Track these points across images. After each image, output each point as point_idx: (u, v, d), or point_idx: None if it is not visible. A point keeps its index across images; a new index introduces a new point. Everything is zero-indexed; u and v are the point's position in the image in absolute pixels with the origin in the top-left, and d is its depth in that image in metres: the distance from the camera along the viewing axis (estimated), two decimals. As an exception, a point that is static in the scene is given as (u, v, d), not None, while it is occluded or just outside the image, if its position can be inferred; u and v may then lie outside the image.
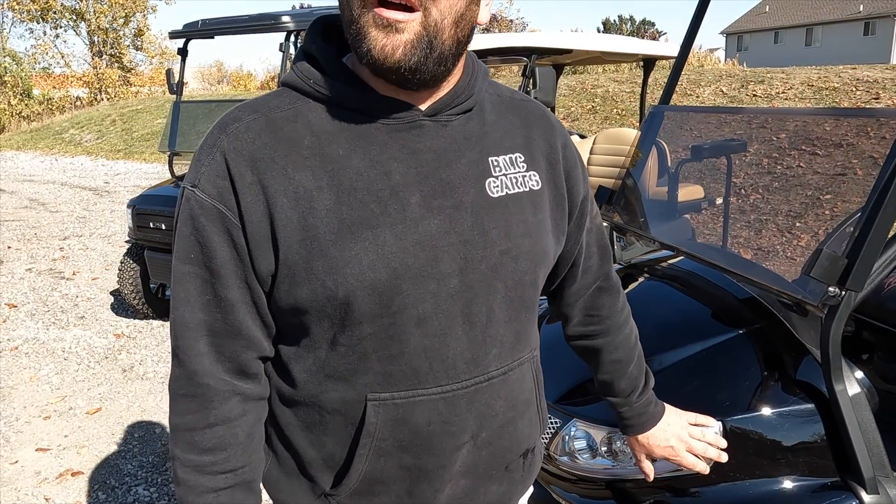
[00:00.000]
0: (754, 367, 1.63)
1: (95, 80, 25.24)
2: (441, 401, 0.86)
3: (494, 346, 0.89)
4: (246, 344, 0.84)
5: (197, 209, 0.79)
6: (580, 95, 11.98)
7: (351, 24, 0.76)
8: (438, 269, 0.82)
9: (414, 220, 0.81)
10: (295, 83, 0.84)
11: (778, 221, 6.17)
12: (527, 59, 3.22)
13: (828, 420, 1.48)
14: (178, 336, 0.83)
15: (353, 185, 0.80)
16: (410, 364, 0.84)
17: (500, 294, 0.88)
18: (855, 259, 1.33)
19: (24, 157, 16.68)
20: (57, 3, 25.21)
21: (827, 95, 9.59)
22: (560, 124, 1.01)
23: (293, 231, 0.78)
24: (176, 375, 0.85)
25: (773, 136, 3.24)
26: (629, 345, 1.15)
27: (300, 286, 0.80)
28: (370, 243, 0.79)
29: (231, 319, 0.82)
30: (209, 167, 0.79)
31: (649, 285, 2.15)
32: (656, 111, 2.37)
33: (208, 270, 0.80)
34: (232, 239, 0.79)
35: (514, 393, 0.94)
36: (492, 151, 0.89)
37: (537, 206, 0.91)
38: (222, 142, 0.80)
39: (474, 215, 0.85)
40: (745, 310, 1.82)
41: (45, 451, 3.07)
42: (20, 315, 4.99)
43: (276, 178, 0.78)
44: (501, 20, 31.55)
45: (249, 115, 0.82)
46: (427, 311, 0.83)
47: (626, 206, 2.36)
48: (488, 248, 0.85)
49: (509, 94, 0.98)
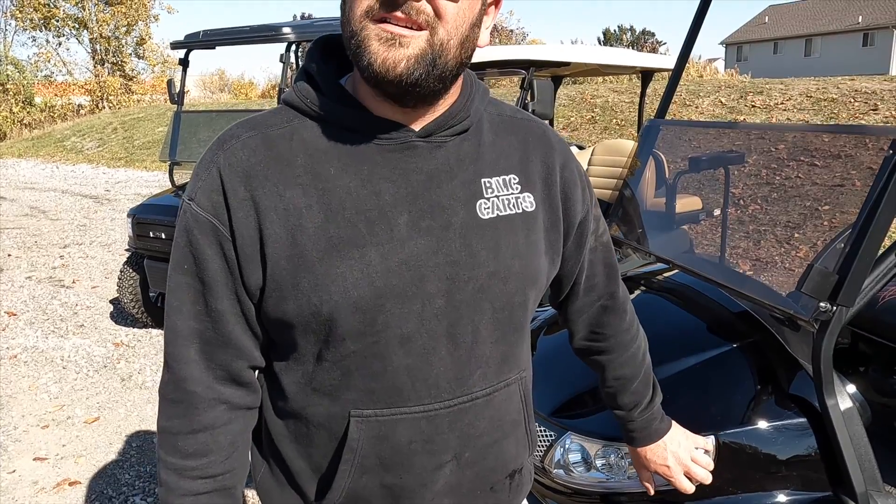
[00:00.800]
0: (748, 381, 1.64)
1: (97, 87, 25.33)
2: (423, 419, 0.86)
3: (479, 366, 0.89)
4: (235, 353, 0.86)
5: (192, 222, 0.82)
6: (580, 106, 12.03)
7: (352, 38, 0.77)
8: (424, 290, 0.83)
9: (401, 240, 0.82)
10: (293, 101, 0.86)
11: (776, 232, 6.19)
12: (525, 71, 3.24)
13: (820, 434, 1.49)
14: (170, 343, 0.86)
15: (342, 204, 0.81)
16: (393, 382, 0.85)
17: (488, 315, 0.88)
18: (846, 275, 1.35)
19: (25, 164, 16.73)
20: (60, 12, 25.35)
21: (825, 106, 9.63)
22: (561, 144, 1.00)
23: (281, 247, 0.80)
24: (165, 380, 0.87)
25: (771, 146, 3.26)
26: (635, 362, 1.15)
27: (287, 301, 0.81)
28: (356, 262, 0.80)
29: (221, 329, 0.84)
30: (205, 182, 0.82)
31: (645, 298, 2.17)
32: (652, 125, 2.39)
33: (200, 281, 0.83)
34: (223, 252, 0.81)
35: (500, 414, 0.94)
36: (485, 173, 0.89)
37: (530, 227, 0.91)
38: (219, 157, 0.82)
39: (463, 236, 0.85)
40: (740, 324, 1.84)
41: (43, 460, 3.08)
42: (20, 323, 5.00)
43: (267, 194, 0.80)
44: (501, 30, 31.68)
45: (247, 132, 0.84)
46: (411, 330, 0.84)
47: (624, 217, 2.38)
48: (476, 269, 0.86)
49: (510, 113, 0.97)
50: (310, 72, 0.87)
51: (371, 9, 0.75)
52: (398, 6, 0.73)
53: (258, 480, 0.97)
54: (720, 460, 1.49)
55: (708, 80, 13.03)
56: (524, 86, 3.22)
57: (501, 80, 8.04)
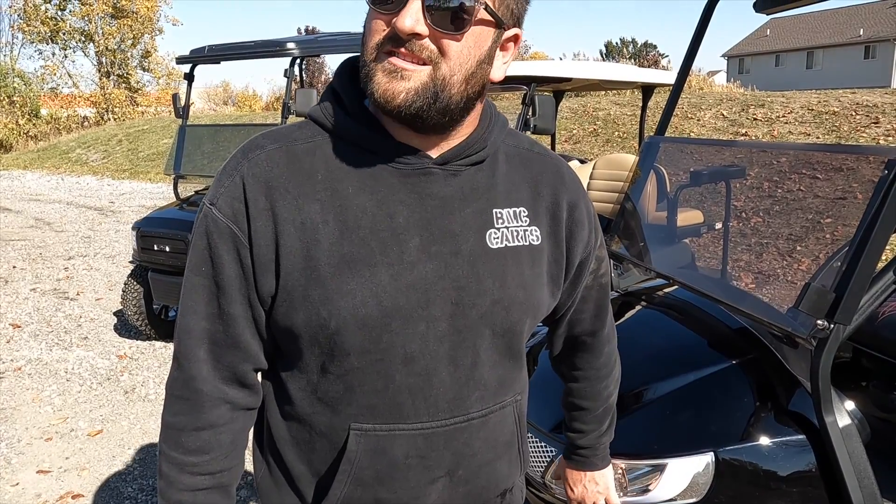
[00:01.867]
0: (747, 398, 1.65)
1: (103, 100, 25.50)
2: (420, 436, 0.90)
3: (477, 388, 0.92)
4: (243, 356, 0.89)
5: (212, 226, 0.85)
6: (582, 118, 12.08)
7: (363, 67, 0.82)
8: (429, 312, 0.86)
9: (411, 262, 0.85)
10: (318, 118, 0.90)
11: (778, 245, 6.18)
12: (526, 87, 3.27)
13: (819, 451, 1.49)
14: (181, 341, 0.89)
15: (358, 223, 0.84)
16: (394, 399, 0.88)
17: (488, 341, 0.91)
18: (843, 293, 1.36)
19: (30, 176, 16.83)
20: (66, 25, 25.58)
21: (827, 119, 9.65)
22: (575, 183, 1.01)
23: (296, 259, 0.83)
24: (174, 377, 0.90)
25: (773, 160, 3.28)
26: (598, 399, 1.19)
27: (296, 311, 0.84)
28: (366, 280, 0.83)
29: (232, 332, 0.87)
30: (228, 188, 0.85)
31: (645, 314, 2.18)
32: (652, 142, 2.41)
33: (216, 284, 0.86)
34: (240, 258, 0.84)
35: (495, 435, 0.97)
36: (497, 203, 0.92)
37: (536, 260, 0.94)
38: (243, 166, 0.85)
39: (471, 264, 0.88)
40: (739, 340, 1.85)
41: (46, 472, 3.09)
42: (24, 335, 5.02)
43: (287, 207, 0.83)
44: (505, 43, 31.81)
45: (272, 143, 0.87)
46: (414, 350, 0.87)
47: (625, 231, 2.40)
48: (481, 296, 0.89)
49: (528, 147, 1.00)
50: (337, 91, 0.90)
51: (381, 42, 0.80)
52: (402, 43, 0.78)
53: (258, 480, 1.00)
54: (719, 477, 1.49)
55: (709, 93, 13.08)
56: (526, 101, 3.25)
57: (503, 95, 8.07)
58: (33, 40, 25.72)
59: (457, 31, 0.79)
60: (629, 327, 2.13)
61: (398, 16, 0.77)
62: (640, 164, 2.43)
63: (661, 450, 1.54)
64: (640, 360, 1.89)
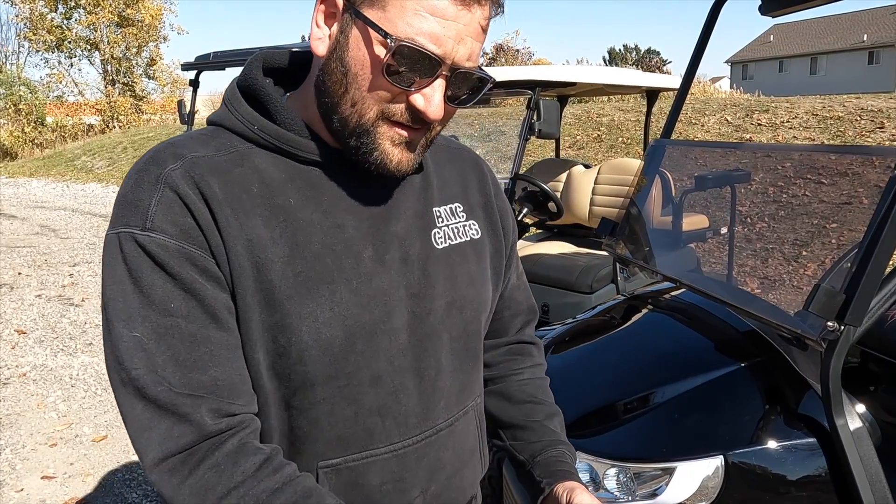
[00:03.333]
0: (756, 401, 1.64)
1: (108, 108, 25.62)
2: (393, 458, 0.83)
3: (442, 398, 0.88)
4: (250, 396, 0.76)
5: (161, 254, 0.70)
6: (586, 124, 12.08)
7: (361, 131, 0.75)
8: (390, 325, 0.81)
9: (367, 275, 0.79)
10: (234, 126, 0.79)
11: (784, 250, 6.16)
12: (531, 92, 3.27)
13: (830, 455, 1.48)
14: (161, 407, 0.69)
15: (308, 238, 0.76)
16: (364, 424, 0.81)
17: (447, 346, 0.87)
18: (853, 294, 1.35)
19: (36, 183, 16.90)
20: (72, 34, 25.74)
21: (831, 125, 9.63)
22: (491, 173, 1.01)
23: (247, 282, 0.73)
24: (174, 436, 0.69)
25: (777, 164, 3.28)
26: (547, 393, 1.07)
27: (250, 342, 0.74)
28: (326, 300, 0.76)
29: (237, 367, 0.74)
30: (160, 205, 0.70)
31: (652, 317, 2.17)
32: (657, 145, 2.40)
33: (199, 318, 0.71)
34: (214, 276, 0.72)
35: (461, 443, 0.92)
36: (435, 202, 0.89)
37: (479, 254, 0.92)
38: (167, 177, 0.72)
39: (421, 268, 0.84)
40: (747, 343, 1.83)
41: (50, 478, 3.08)
42: (29, 341, 5.02)
43: (228, 221, 0.73)
44: (508, 50, 31.93)
45: (189, 152, 0.75)
46: (381, 368, 0.81)
47: (631, 236, 2.39)
48: (435, 300, 0.85)
49: (444, 143, 0.97)
50: (253, 94, 0.81)
51: (392, 114, 0.74)
52: (425, 125, 0.76)
53: None
54: (729, 481, 1.48)
55: (713, 99, 13.07)
56: (530, 106, 3.25)
57: (507, 100, 8.07)
58: (39, 49, 25.87)
59: (466, 103, 0.78)
60: (636, 331, 2.12)
61: (424, 98, 0.73)
62: (646, 167, 2.43)
63: (670, 453, 1.53)
64: (647, 363, 1.88)
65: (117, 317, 0.70)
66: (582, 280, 3.39)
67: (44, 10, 25.04)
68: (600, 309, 2.35)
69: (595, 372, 1.93)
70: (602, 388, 1.84)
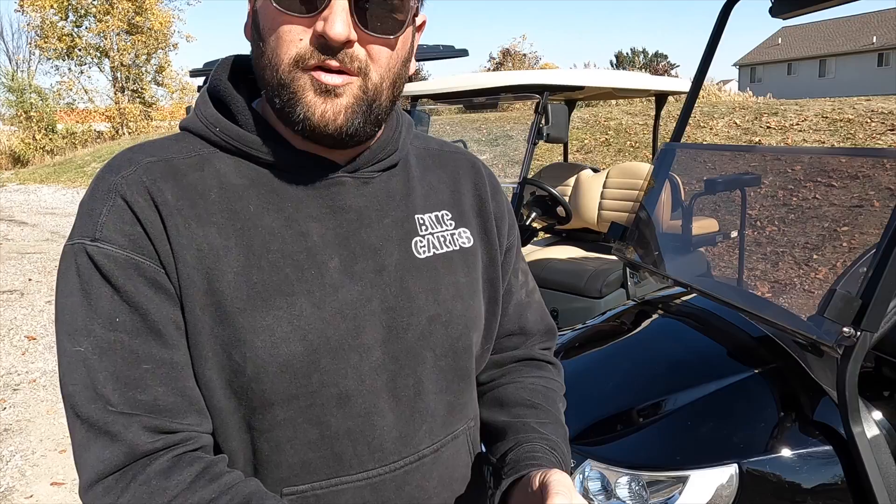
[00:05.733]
0: (771, 408, 1.61)
1: (118, 114, 25.84)
2: (367, 487, 0.76)
3: (425, 421, 0.80)
4: (199, 416, 0.70)
5: (108, 265, 0.67)
6: (593, 128, 12.06)
7: (280, 88, 0.69)
8: (360, 341, 0.74)
9: (333, 286, 0.74)
10: (198, 130, 0.76)
11: (795, 254, 6.11)
12: (539, 96, 3.26)
13: (847, 462, 1.46)
14: (100, 425, 0.65)
15: (266, 247, 0.72)
16: (332, 449, 0.74)
17: (430, 364, 0.80)
18: (869, 299, 1.33)
19: (46, 190, 17.03)
20: (82, 41, 25.98)
21: (841, 127, 9.57)
22: (491, 176, 0.94)
23: (196, 294, 0.69)
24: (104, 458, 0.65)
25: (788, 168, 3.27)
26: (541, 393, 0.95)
27: (202, 358, 0.70)
28: (284, 312, 0.71)
29: (181, 387, 0.69)
30: (110, 215, 0.68)
31: (663, 323, 2.15)
32: (668, 149, 2.39)
33: (143, 333, 0.67)
34: (163, 288, 0.68)
35: (449, 471, 0.84)
36: (417, 209, 0.82)
37: (470, 265, 0.85)
38: (119, 185, 0.69)
39: (399, 279, 0.78)
40: (761, 349, 1.81)
41: (60, 485, 3.08)
42: (39, 347, 5.04)
43: (179, 229, 0.69)
44: (515, 54, 31.98)
45: (146, 157, 0.72)
46: (349, 388, 0.74)
47: (640, 241, 2.37)
48: (415, 314, 0.78)
49: (437, 147, 0.92)
50: (220, 97, 0.77)
51: (303, 58, 0.68)
52: (332, 53, 0.67)
53: None
54: (743, 489, 1.46)
55: (722, 102, 13.03)
56: (538, 110, 3.24)
57: (515, 104, 8.10)
58: (50, 57, 26.15)
59: (390, 35, 0.70)
60: (647, 336, 2.10)
61: (324, 20, 0.66)
62: (656, 171, 2.41)
63: (683, 461, 1.51)
64: (659, 369, 1.86)
65: (64, 330, 0.68)
66: (591, 285, 3.37)
67: (54, 19, 25.31)
68: (610, 314, 2.33)
69: (605, 378, 1.91)
70: (613, 394, 1.82)
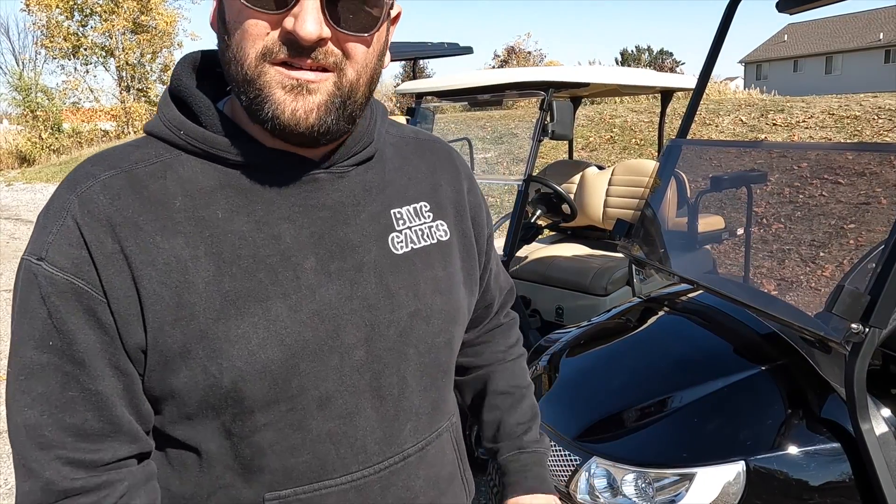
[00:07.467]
0: (778, 405, 1.60)
1: (123, 113, 25.89)
2: (352, 490, 0.75)
3: (409, 419, 0.80)
4: (126, 440, 0.70)
5: (47, 287, 0.65)
6: (598, 126, 12.03)
7: (247, 84, 0.67)
8: (341, 341, 0.73)
9: (310, 287, 0.72)
10: (161, 133, 0.72)
11: (801, 251, 6.09)
12: (544, 93, 3.25)
13: (854, 460, 1.45)
14: (27, 446, 0.66)
15: (237, 253, 0.69)
16: (314, 453, 0.73)
17: (413, 361, 0.79)
18: (878, 295, 1.32)
19: (52, 189, 17.08)
20: (88, 41, 26.05)
21: (848, 124, 9.52)
22: (464, 164, 0.94)
23: (164, 310, 0.67)
24: (26, 492, 0.66)
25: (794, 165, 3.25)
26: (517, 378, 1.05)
27: (175, 373, 0.68)
28: (259, 319, 0.69)
29: (106, 416, 0.68)
30: (59, 235, 0.66)
31: (669, 320, 2.14)
32: (674, 145, 2.38)
33: (71, 360, 0.66)
34: (96, 318, 0.66)
35: (435, 469, 0.84)
36: (394, 203, 0.81)
37: (447, 258, 0.84)
38: (72, 204, 0.67)
39: (378, 276, 0.76)
40: (768, 346, 1.80)
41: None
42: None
43: (141, 246, 0.66)
44: (519, 52, 31.92)
45: (106, 171, 0.69)
46: (330, 390, 0.73)
47: (646, 238, 2.36)
48: (396, 311, 0.77)
49: (413, 135, 0.90)
50: (182, 97, 0.73)
51: (270, 52, 0.65)
52: (303, 51, 0.65)
53: None
54: (750, 486, 1.45)
55: (728, 99, 12.98)
56: (543, 107, 3.23)
57: (519, 101, 8.06)
58: (55, 56, 26.19)
59: (365, 33, 0.67)
60: (653, 334, 2.09)
61: (294, 17, 0.63)
62: (662, 167, 2.40)
63: (690, 459, 1.50)
64: (665, 366, 1.85)
65: (11, 345, 0.68)
66: (596, 282, 3.36)
67: (60, 18, 25.38)
68: (616, 312, 2.32)
69: (612, 376, 1.90)
70: (619, 391, 1.81)
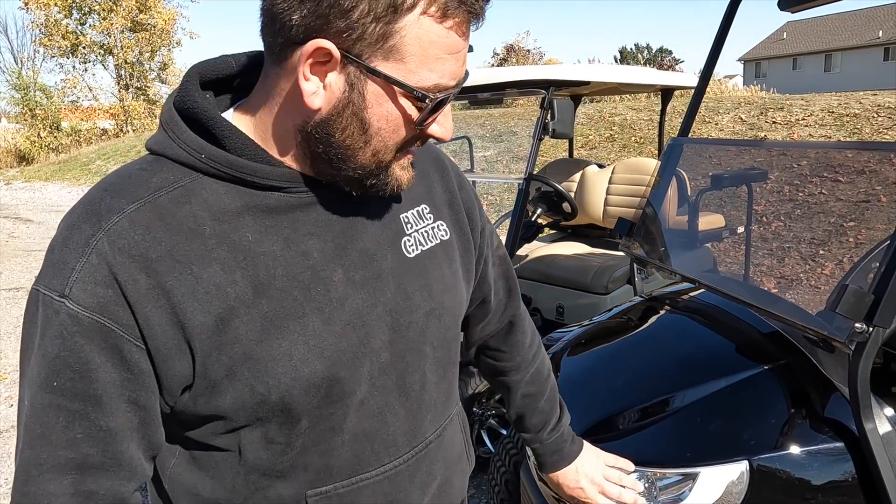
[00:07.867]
0: (780, 405, 1.60)
1: (122, 112, 25.86)
2: (385, 481, 0.82)
3: (429, 411, 0.87)
4: (127, 475, 0.71)
5: (70, 325, 0.65)
6: (598, 124, 12.02)
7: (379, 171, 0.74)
8: (370, 347, 0.78)
9: (339, 299, 0.75)
10: (178, 156, 0.72)
11: (801, 249, 6.08)
12: (545, 91, 3.24)
13: (858, 459, 1.44)
14: (30, 480, 0.67)
15: (271, 273, 0.71)
16: (352, 450, 0.79)
17: (430, 357, 0.85)
18: (882, 294, 1.31)
19: (52, 187, 17.07)
20: (86, 39, 26.01)
21: (847, 122, 9.51)
22: (452, 162, 0.98)
23: (209, 337, 0.68)
24: None
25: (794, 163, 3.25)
26: (540, 379, 1.14)
27: (222, 395, 0.71)
28: (299, 335, 0.72)
29: (113, 451, 0.69)
30: (84, 273, 0.65)
31: (671, 319, 2.14)
32: (675, 143, 2.37)
33: (83, 398, 0.66)
34: (121, 356, 0.67)
35: (449, 452, 0.93)
36: (401, 208, 0.85)
37: (450, 256, 0.90)
38: (100, 241, 0.66)
39: (396, 280, 0.81)
40: (770, 345, 1.79)
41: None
42: (45, 345, 5.06)
43: (180, 279, 0.67)
44: (519, 50, 31.91)
45: (130, 203, 0.68)
46: (364, 392, 0.78)
47: (647, 236, 2.36)
48: (414, 312, 0.82)
49: None
50: (196, 118, 0.73)
51: (408, 143, 0.75)
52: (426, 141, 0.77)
53: None
54: (754, 486, 1.45)
55: (727, 97, 12.97)
56: (544, 105, 3.22)
57: (519, 100, 8.05)
58: (54, 54, 26.14)
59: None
60: (654, 333, 2.09)
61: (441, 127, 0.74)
62: (663, 166, 2.39)
63: (693, 458, 1.50)
64: (667, 366, 1.85)
65: (22, 374, 0.70)
66: (597, 281, 3.36)
67: (58, 16, 25.32)
68: (617, 311, 2.32)
69: (613, 375, 1.90)
70: (621, 391, 1.81)
